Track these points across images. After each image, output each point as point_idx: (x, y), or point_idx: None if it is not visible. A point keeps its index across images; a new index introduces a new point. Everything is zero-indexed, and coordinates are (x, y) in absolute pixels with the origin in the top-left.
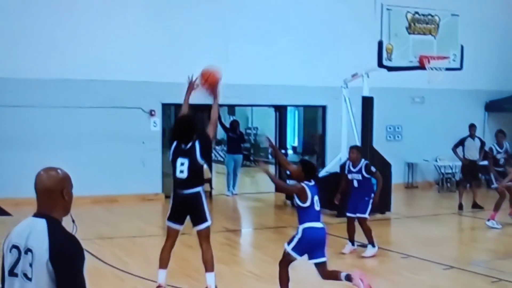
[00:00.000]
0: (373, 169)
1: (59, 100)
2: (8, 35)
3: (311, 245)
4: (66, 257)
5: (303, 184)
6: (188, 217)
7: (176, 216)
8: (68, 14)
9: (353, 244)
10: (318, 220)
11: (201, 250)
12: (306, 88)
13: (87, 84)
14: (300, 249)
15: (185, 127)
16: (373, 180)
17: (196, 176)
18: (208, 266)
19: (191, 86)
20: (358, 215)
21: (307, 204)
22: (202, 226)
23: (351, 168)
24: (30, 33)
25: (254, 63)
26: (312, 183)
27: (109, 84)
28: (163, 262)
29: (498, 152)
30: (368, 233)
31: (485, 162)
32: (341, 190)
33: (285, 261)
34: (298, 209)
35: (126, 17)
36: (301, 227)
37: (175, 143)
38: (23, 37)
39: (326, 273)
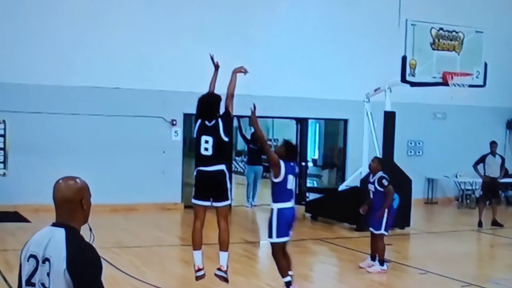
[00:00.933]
0: (385, 182)
1: (81, 108)
2: (28, 42)
3: (285, 224)
4: (84, 266)
5: (280, 160)
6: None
7: (201, 193)
8: (95, 22)
9: (373, 259)
10: (289, 199)
11: (219, 229)
12: (328, 101)
13: (110, 92)
14: (283, 230)
15: (210, 104)
16: (395, 195)
17: (221, 153)
18: (223, 245)
19: (216, 67)
20: (373, 230)
21: (279, 179)
22: (223, 203)
23: (370, 179)
24: (53, 41)
25: (276, 75)
26: (292, 164)
27: (131, 93)
28: (197, 244)
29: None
30: (380, 250)
31: (506, 180)
32: (367, 202)
33: (277, 251)
34: (271, 185)
35: (150, 28)
36: (275, 208)
37: (199, 121)
38: (46, 45)
39: (285, 254)
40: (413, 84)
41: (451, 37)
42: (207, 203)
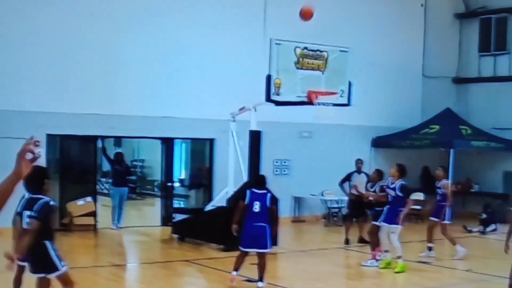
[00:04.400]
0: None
1: None
2: None
3: None
4: None
5: None
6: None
7: (32, 268)
8: None
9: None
10: None
11: None
12: (194, 120)
13: None
14: None
15: (33, 178)
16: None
17: (42, 230)
18: None
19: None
20: None
21: None
22: (58, 273)
23: None
24: None
25: (141, 95)
26: None
27: None
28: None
29: (367, 191)
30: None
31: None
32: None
33: None
34: None
35: (11, 45)
36: None
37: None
38: None
39: None
40: (278, 103)
41: (315, 56)
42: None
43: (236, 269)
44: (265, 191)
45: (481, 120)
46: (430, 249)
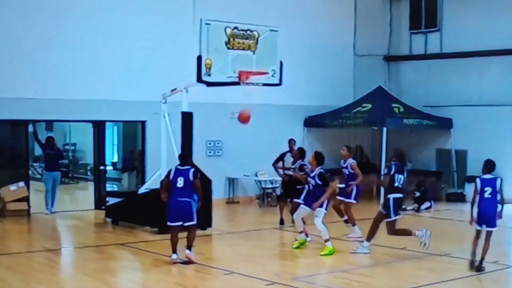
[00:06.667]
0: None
1: None
2: None
3: None
4: None
5: None
6: None
7: None
8: None
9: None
10: None
11: None
12: (125, 102)
13: None
14: None
15: None
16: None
17: None
18: None
19: None
20: None
21: None
22: None
23: None
24: None
25: (72, 78)
26: None
27: None
28: None
29: (288, 169)
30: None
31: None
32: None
33: None
34: None
35: None
36: None
37: None
38: None
39: None
40: (209, 84)
41: (246, 36)
42: None
43: (174, 251)
44: (188, 167)
45: (413, 98)
46: (354, 225)
